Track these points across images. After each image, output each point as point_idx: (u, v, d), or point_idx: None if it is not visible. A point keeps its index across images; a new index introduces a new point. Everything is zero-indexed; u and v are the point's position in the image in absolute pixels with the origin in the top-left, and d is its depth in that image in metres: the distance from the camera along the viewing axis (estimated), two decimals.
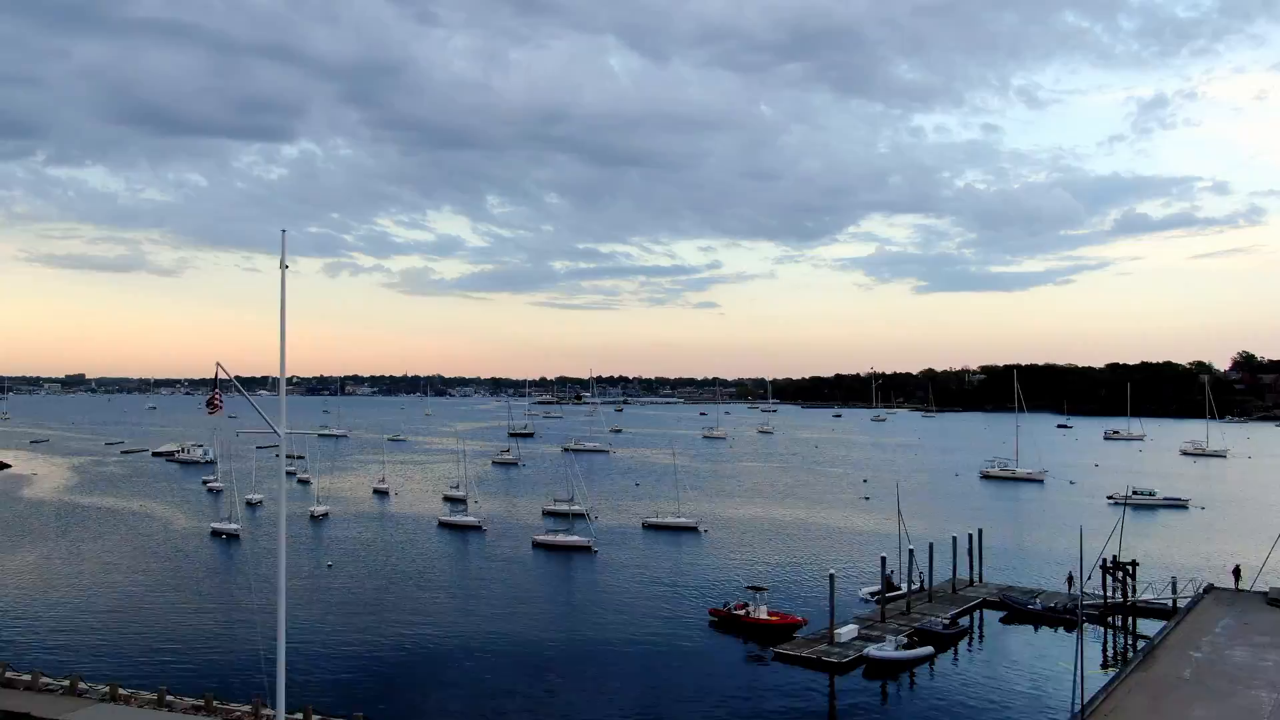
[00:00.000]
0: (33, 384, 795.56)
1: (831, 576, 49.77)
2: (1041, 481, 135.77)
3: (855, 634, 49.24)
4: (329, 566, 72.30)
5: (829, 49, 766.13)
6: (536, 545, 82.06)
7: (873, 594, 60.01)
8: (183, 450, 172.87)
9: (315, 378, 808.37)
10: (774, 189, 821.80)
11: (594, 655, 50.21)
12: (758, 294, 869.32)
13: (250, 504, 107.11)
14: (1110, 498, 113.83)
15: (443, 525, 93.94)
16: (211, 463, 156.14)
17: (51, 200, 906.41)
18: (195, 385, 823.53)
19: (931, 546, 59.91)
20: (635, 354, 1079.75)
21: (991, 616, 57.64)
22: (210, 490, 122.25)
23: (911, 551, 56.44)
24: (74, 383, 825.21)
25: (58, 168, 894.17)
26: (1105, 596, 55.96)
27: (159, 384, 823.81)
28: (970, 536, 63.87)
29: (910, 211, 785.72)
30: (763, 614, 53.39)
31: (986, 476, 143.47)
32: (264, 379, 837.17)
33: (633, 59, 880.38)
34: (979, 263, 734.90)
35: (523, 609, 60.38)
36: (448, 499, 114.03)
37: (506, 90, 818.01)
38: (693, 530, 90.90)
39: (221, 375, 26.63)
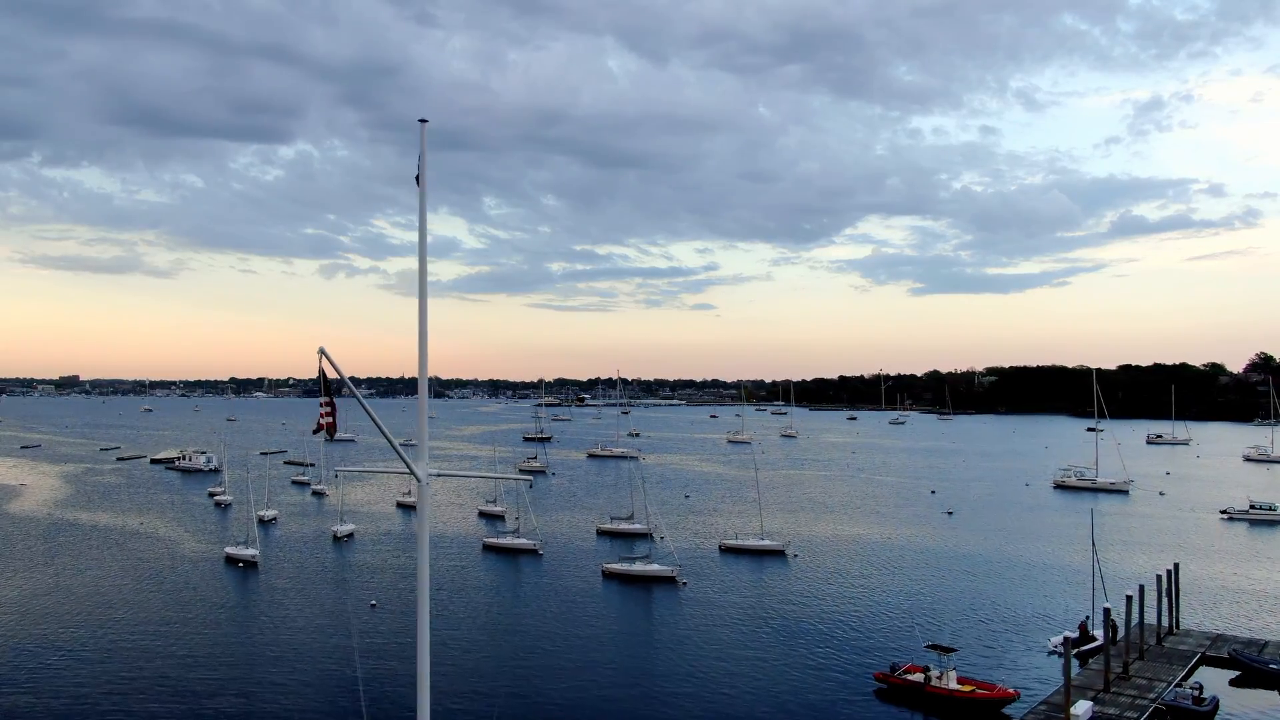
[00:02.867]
0: (26, 385, 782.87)
1: (1067, 639, 37.95)
2: (1126, 493, 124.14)
3: (1091, 713, 37.55)
4: (373, 607, 60.36)
5: (828, 51, 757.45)
6: (608, 575, 70.14)
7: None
8: (184, 457, 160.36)
9: (312, 380, 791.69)
10: (771, 191, 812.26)
11: None
12: (754, 296, 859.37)
13: (263, 522, 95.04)
14: (1224, 512, 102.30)
15: (489, 549, 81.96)
16: (216, 471, 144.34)
17: (47, 201, 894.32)
18: (190, 387, 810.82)
19: (1143, 589, 48.23)
20: (632, 356, 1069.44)
21: (1218, 677, 45.88)
22: (218, 505, 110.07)
23: (1129, 598, 44.75)
24: (68, 384, 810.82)
25: (53, 169, 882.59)
26: None
27: (154, 386, 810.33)
28: (1168, 573, 52.19)
29: (907, 213, 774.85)
30: (952, 683, 41.55)
31: (1061, 486, 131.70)
32: (260, 381, 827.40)
33: (631, 60, 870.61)
34: (975, 264, 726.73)
35: (622, 665, 48.58)
36: (484, 515, 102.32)
37: (505, 91, 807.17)
38: (779, 554, 79.03)
39: (328, 372, 14.92)
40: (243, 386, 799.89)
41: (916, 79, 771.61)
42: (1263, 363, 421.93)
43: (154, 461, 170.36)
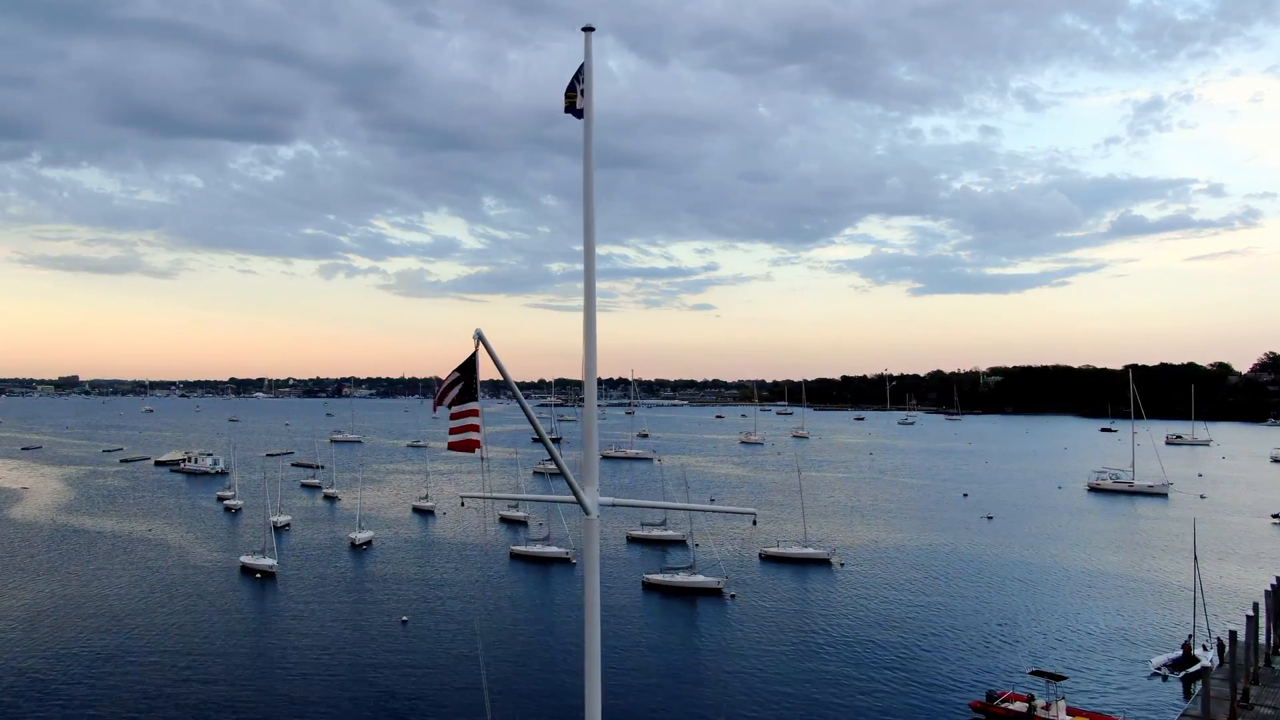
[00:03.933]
0: (26, 386, 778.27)
1: (1207, 670, 34.03)
2: (1165, 496, 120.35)
3: None
4: (404, 623, 56.39)
5: (828, 51, 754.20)
6: (649, 587, 66.15)
7: (1170, 667, 44.58)
8: (189, 459, 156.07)
9: (312, 380, 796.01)
10: (771, 191, 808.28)
11: None
12: (753, 296, 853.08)
13: (277, 528, 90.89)
14: (1276, 516, 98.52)
15: (518, 557, 77.95)
16: (223, 474, 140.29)
17: (46, 202, 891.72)
18: (190, 388, 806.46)
19: (1257, 606, 44.31)
20: (632, 356, 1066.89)
21: None
22: (228, 509, 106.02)
23: (1249, 618, 40.80)
24: (68, 385, 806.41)
25: (53, 169, 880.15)
26: None
27: (154, 386, 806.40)
28: (1275, 587, 48.21)
29: (907, 214, 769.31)
30: (1062, 714, 37.61)
31: (1096, 489, 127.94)
32: (259, 381, 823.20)
33: (631, 60, 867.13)
34: (975, 265, 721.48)
35: (675, 688, 44.59)
36: (507, 521, 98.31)
37: (504, 91, 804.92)
38: (824, 563, 75.08)
39: (491, 370, 11.07)
40: (243, 387, 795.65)
41: (916, 79, 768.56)
42: (1272, 362, 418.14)
43: (158, 463, 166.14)
